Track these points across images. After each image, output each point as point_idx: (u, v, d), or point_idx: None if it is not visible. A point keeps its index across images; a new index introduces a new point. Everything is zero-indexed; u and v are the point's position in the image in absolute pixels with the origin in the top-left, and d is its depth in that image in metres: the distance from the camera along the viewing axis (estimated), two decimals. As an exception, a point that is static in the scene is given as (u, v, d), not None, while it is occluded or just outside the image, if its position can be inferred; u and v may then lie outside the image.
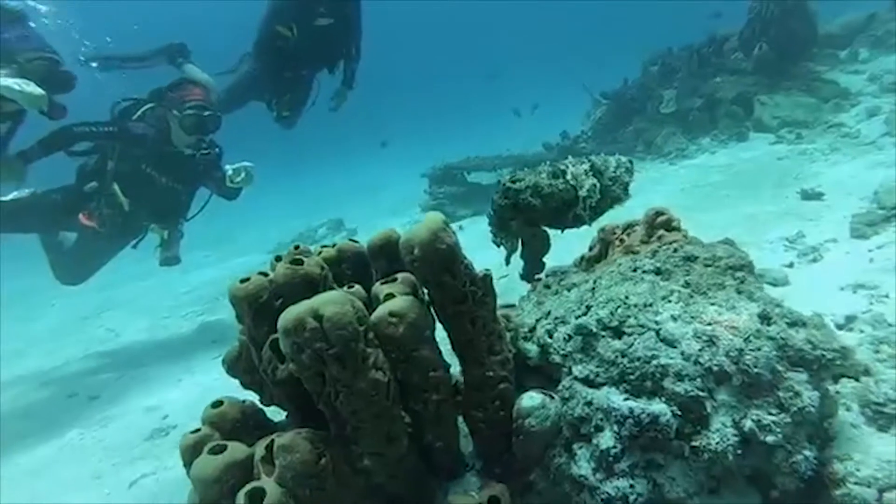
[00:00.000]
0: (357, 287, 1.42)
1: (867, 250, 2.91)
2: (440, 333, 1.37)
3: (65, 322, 6.52)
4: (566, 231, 1.89)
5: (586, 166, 1.82)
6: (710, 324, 1.30)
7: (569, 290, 1.58)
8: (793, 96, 6.37)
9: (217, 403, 1.37)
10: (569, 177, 1.80)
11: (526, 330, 1.60)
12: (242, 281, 1.35)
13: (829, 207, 3.80)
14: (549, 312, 1.55)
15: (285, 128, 6.35)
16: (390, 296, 1.31)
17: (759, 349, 1.24)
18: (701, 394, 1.23)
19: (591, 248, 1.77)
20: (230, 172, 4.52)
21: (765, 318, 1.30)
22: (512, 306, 1.82)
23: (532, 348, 1.57)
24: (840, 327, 2.27)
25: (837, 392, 1.48)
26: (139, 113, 4.38)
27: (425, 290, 1.35)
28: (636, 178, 5.65)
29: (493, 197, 1.88)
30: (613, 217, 1.91)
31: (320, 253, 1.50)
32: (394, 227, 1.49)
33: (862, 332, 2.14)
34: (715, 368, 1.24)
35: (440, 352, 1.36)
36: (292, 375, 1.26)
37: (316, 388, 1.22)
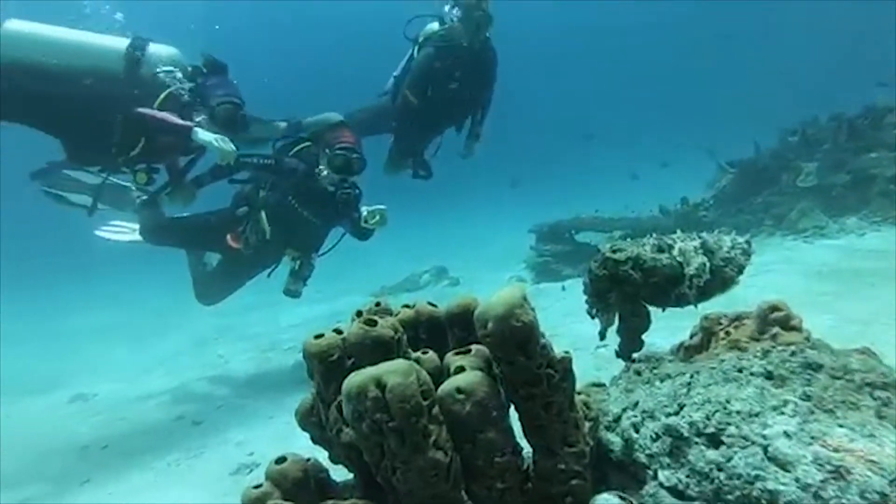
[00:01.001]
0: (431, 354, 1.36)
1: None
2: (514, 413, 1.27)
3: (186, 344, 7.01)
4: (668, 310, 1.72)
5: (696, 243, 1.66)
6: (836, 450, 1.09)
7: (661, 381, 1.42)
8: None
9: (280, 459, 1.34)
10: (675, 252, 1.64)
11: (610, 419, 1.45)
12: (317, 337, 1.33)
13: None
14: (636, 403, 1.40)
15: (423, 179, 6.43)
16: (461, 369, 1.23)
17: (904, 494, 1.01)
18: (819, 535, 1.03)
19: (692, 336, 1.59)
20: (365, 213, 4.76)
21: (914, 455, 1.07)
22: (602, 386, 1.67)
23: (616, 440, 1.42)
24: None
25: None
26: (296, 150, 4.80)
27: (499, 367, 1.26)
28: (763, 256, 5.20)
29: (591, 265, 1.76)
30: (731, 299, 1.71)
31: (397, 314, 1.46)
32: (475, 296, 1.41)
33: None
34: (841, 508, 1.02)
35: (513, 433, 1.26)
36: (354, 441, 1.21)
37: (374, 459, 1.16)
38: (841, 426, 1.12)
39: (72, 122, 4.23)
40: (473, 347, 1.31)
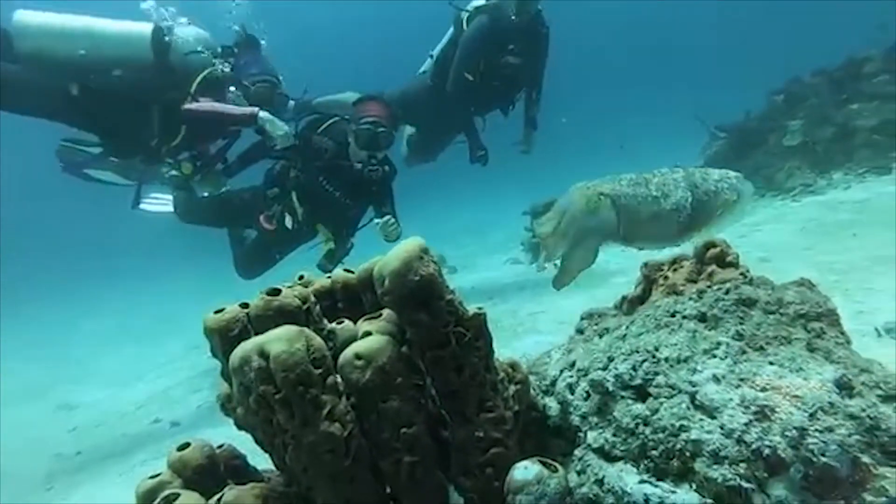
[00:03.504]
0: (347, 323, 1.26)
1: None
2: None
3: (182, 348, 6.92)
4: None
5: (679, 175, 1.55)
6: (764, 389, 0.99)
7: (600, 337, 1.32)
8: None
9: (183, 446, 1.24)
10: (652, 187, 1.53)
11: (548, 382, 1.35)
12: (217, 311, 1.23)
13: None
14: (573, 363, 1.29)
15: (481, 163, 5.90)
16: (367, 334, 1.13)
17: (830, 430, 0.91)
18: (746, 485, 0.93)
19: (636, 287, 1.48)
20: (380, 225, 4.54)
21: (844, 388, 0.97)
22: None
23: (553, 404, 1.32)
24: None
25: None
26: (324, 126, 4.61)
27: (410, 330, 1.15)
28: (754, 217, 5.07)
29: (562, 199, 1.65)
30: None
31: (310, 284, 1.35)
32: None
33: None
34: (766, 452, 0.92)
35: (427, 401, 1.16)
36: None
37: (267, 437, 1.06)
38: (771, 363, 1.02)
39: (106, 116, 4.14)
40: (385, 311, 1.21)
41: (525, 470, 1.07)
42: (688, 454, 0.97)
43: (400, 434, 1.07)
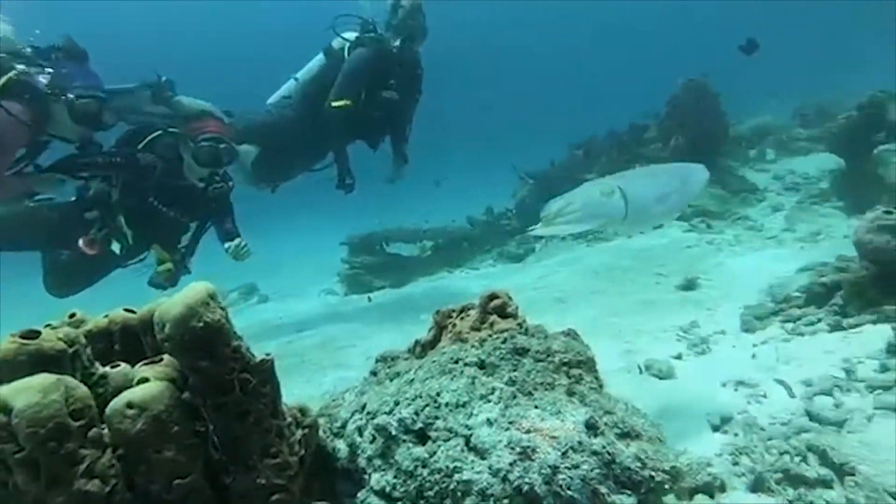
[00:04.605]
0: (122, 367, 1.16)
1: (752, 345, 2.84)
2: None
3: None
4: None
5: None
6: (528, 431, 1.10)
7: (391, 381, 1.37)
8: (706, 187, 6.59)
9: None
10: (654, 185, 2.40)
11: (339, 425, 1.37)
12: (-43, 353, 1.06)
13: (726, 297, 3.78)
14: (364, 406, 1.32)
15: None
16: (144, 380, 1.06)
17: (576, 466, 1.04)
18: (507, 519, 1.02)
19: (429, 332, 1.57)
20: (230, 249, 4.41)
21: (591, 428, 1.12)
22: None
23: (342, 447, 1.34)
24: (715, 429, 2.13)
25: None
26: (147, 140, 4.14)
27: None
28: (554, 258, 5.57)
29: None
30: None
31: (82, 323, 1.23)
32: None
33: (736, 435, 2.00)
34: (525, 488, 1.03)
35: (207, 449, 1.11)
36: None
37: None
38: (536, 407, 1.14)
39: None
40: (167, 356, 1.14)
41: (304, 518, 1.06)
42: (459, 494, 1.04)
43: (173, 485, 1.01)
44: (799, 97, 9.57)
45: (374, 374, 1.49)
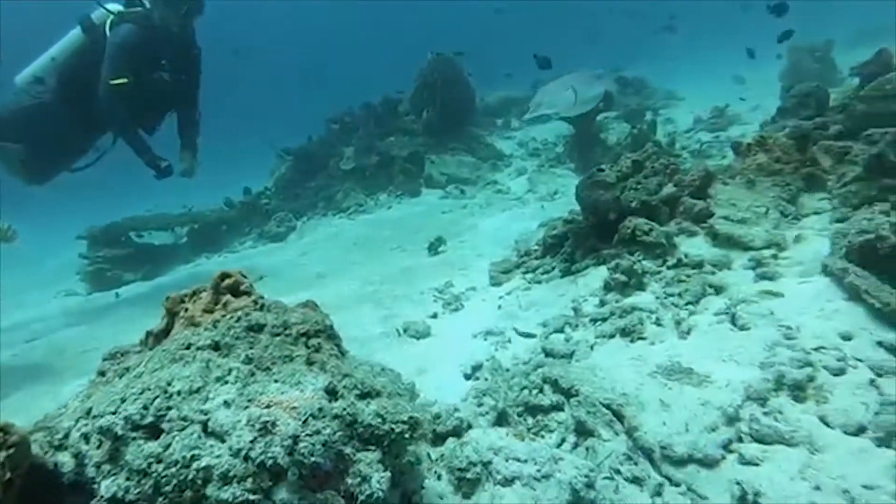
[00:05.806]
0: None
1: (498, 297, 3.18)
2: None
3: None
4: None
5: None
6: (268, 406, 1.09)
7: (120, 378, 1.25)
8: (458, 156, 7.12)
9: None
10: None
11: (61, 436, 1.21)
12: None
13: (479, 256, 4.13)
14: (89, 410, 1.19)
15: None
16: None
17: (318, 432, 1.07)
18: (252, 497, 1.01)
19: (161, 320, 1.46)
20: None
21: (331, 393, 1.15)
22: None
23: (66, 459, 1.19)
24: (468, 377, 2.36)
25: (431, 458, 1.42)
26: None
27: None
28: (315, 234, 5.58)
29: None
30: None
31: None
32: None
33: (486, 379, 2.23)
34: (269, 463, 1.03)
35: None
36: None
37: None
38: (276, 381, 1.14)
39: None
40: None
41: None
42: (199, 482, 1.01)
43: None
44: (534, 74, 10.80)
45: (101, 373, 1.35)
